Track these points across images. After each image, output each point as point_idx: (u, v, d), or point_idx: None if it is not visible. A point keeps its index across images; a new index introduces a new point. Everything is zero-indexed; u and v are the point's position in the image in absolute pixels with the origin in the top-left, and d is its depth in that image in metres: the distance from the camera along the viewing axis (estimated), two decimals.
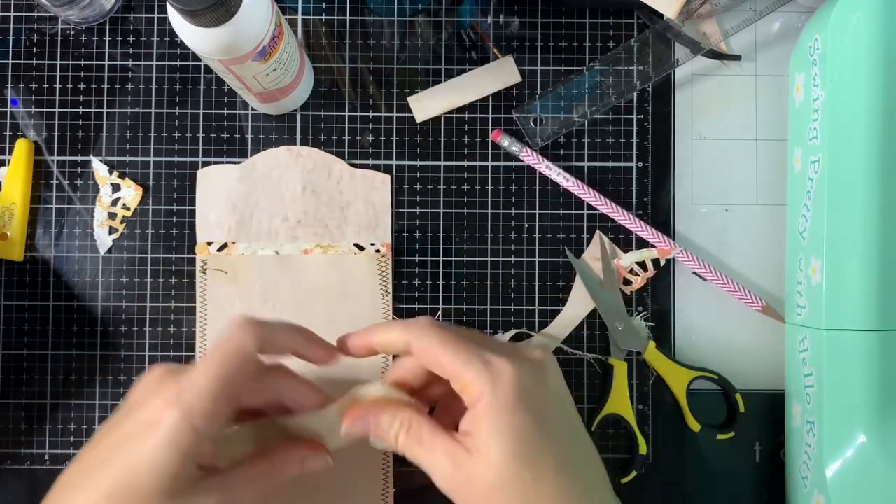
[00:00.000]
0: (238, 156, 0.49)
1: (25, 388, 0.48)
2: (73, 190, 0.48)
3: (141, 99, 0.49)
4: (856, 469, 0.41)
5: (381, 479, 0.47)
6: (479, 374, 0.36)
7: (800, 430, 0.45)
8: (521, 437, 0.35)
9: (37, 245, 0.48)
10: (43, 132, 0.49)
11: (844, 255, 0.42)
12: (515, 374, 0.36)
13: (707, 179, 0.49)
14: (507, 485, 0.35)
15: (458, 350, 0.36)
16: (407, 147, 0.49)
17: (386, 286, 0.48)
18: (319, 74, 0.49)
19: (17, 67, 0.49)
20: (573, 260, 0.48)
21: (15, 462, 0.48)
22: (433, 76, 0.49)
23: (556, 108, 0.48)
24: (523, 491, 0.35)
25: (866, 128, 0.42)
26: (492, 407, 0.35)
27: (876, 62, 0.42)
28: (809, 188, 0.45)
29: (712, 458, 0.48)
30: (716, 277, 0.48)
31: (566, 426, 0.37)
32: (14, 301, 0.48)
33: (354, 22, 0.49)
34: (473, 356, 0.36)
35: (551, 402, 0.37)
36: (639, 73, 0.49)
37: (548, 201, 0.49)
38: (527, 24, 0.49)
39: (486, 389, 0.35)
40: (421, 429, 0.37)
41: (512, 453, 0.35)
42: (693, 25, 0.49)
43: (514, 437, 0.35)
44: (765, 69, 0.49)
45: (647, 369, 0.48)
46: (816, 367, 0.43)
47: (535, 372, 0.37)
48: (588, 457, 0.38)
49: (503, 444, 0.35)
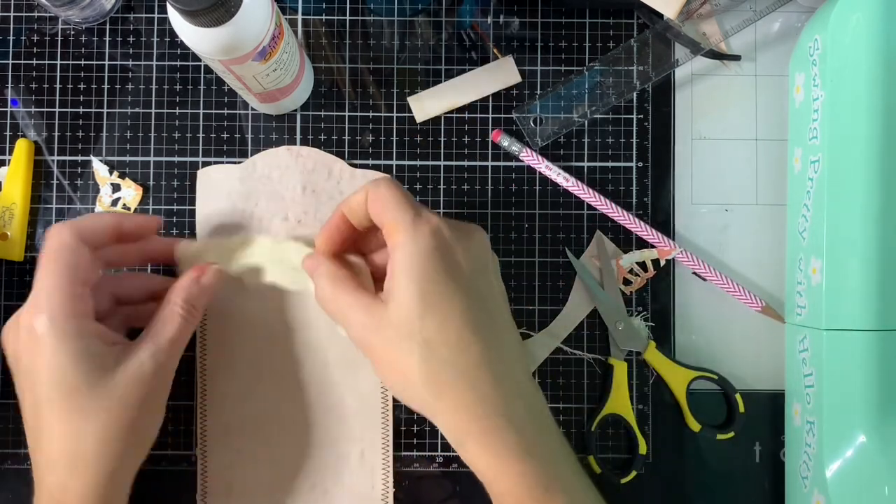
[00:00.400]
0: (238, 156, 0.49)
1: None
2: (74, 190, 0.48)
3: (141, 99, 0.49)
4: (856, 469, 0.41)
5: (381, 479, 0.47)
6: (406, 223, 0.38)
7: (800, 430, 0.45)
8: (429, 284, 0.37)
9: (37, 245, 0.48)
10: (43, 132, 0.49)
11: (844, 255, 0.42)
12: (437, 227, 0.38)
13: (707, 179, 0.49)
14: (411, 328, 0.37)
15: (398, 203, 0.38)
16: (407, 147, 0.49)
17: None
18: (319, 74, 0.49)
19: (17, 67, 0.49)
20: (573, 260, 0.48)
21: (15, 462, 0.48)
22: (433, 76, 0.49)
23: (556, 108, 0.48)
24: (425, 336, 0.37)
25: (866, 128, 0.42)
26: (407, 250, 0.37)
27: (876, 62, 0.42)
28: (809, 188, 0.45)
29: (712, 458, 0.48)
30: (716, 277, 0.48)
31: (482, 289, 0.39)
32: (14, 301, 0.48)
33: (354, 22, 0.49)
34: (408, 208, 0.38)
35: (470, 262, 0.39)
36: (639, 73, 0.49)
37: (548, 201, 0.49)
38: (527, 24, 0.49)
39: (407, 235, 0.37)
40: (345, 282, 0.40)
41: (419, 297, 0.37)
42: (693, 25, 0.49)
43: (422, 282, 0.37)
44: (765, 69, 0.49)
45: (647, 369, 0.49)
46: (816, 367, 0.43)
47: (460, 233, 0.39)
48: (504, 327, 0.40)
49: (411, 288, 0.37)
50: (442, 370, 0.37)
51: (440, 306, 0.37)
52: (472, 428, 0.37)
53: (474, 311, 0.37)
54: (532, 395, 0.39)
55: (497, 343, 0.38)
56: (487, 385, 0.37)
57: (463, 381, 0.37)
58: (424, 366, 0.37)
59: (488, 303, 0.39)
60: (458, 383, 0.37)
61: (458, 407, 0.37)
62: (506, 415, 0.37)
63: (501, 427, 0.37)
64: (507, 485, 0.37)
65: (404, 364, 0.37)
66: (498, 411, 0.37)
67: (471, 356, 0.37)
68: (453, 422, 0.37)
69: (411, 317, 0.37)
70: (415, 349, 0.37)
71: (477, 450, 0.37)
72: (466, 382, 0.37)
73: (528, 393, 0.39)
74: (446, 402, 0.37)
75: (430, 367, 0.37)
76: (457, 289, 0.37)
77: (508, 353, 0.39)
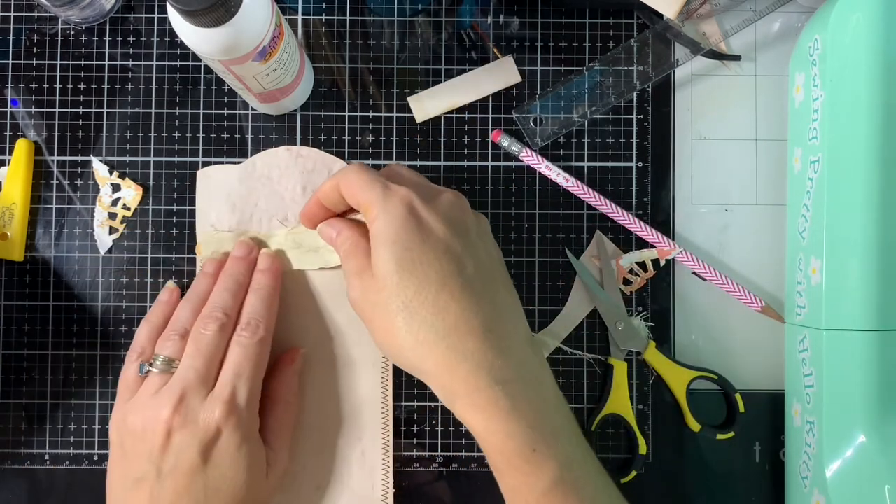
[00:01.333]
0: (238, 156, 0.49)
1: (25, 388, 0.48)
2: (74, 190, 0.48)
3: (141, 99, 0.49)
4: (856, 469, 0.41)
5: (381, 479, 0.47)
6: (376, 197, 0.39)
7: (800, 430, 0.45)
8: (403, 251, 0.38)
9: (37, 245, 0.48)
10: (43, 132, 0.49)
11: (844, 255, 0.42)
12: (406, 197, 0.39)
13: (707, 179, 0.49)
14: (391, 293, 0.38)
15: (368, 182, 0.39)
16: (407, 147, 0.49)
17: None
18: (319, 74, 0.49)
19: (17, 67, 0.49)
20: (573, 260, 0.48)
21: (15, 462, 0.48)
22: (433, 76, 0.49)
23: (556, 108, 0.48)
24: (404, 300, 0.38)
25: (866, 128, 0.42)
26: (381, 221, 0.38)
27: (876, 62, 0.42)
28: (809, 188, 0.45)
29: (712, 458, 0.48)
30: (715, 277, 0.48)
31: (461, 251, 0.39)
32: (14, 301, 0.48)
33: (354, 22, 0.49)
34: (377, 184, 0.39)
35: (445, 225, 0.39)
36: (639, 73, 0.49)
37: (548, 201, 0.49)
38: (527, 24, 0.49)
39: (379, 208, 0.39)
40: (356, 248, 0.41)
41: (395, 263, 0.38)
42: (693, 25, 0.49)
43: (397, 249, 0.38)
44: (765, 69, 0.49)
45: (647, 369, 0.48)
46: (816, 367, 0.43)
47: (433, 199, 0.40)
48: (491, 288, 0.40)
49: (387, 256, 0.38)
50: (422, 332, 0.38)
51: (415, 271, 0.38)
52: (458, 388, 0.38)
53: (452, 274, 0.38)
54: (527, 357, 0.40)
55: (480, 304, 0.38)
56: (470, 345, 0.38)
57: (444, 342, 0.37)
58: (407, 329, 0.38)
59: (468, 265, 0.39)
60: (440, 344, 0.38)
61: (442, 368, 0.38)
62: (492, 374, 0.37)
63: (487, 386, 0.37)
64: (496, 443, 0.38)
65: (391, 328, 0.38)
66: (482, 370, 0.37)
67: (448, 317, 0.38)
68: (440, 383, 0.38)
69: (390, 283, 0.38)
70: (397, 313, 0.38)
71: (465, 409, 0.38)
72: (447, 343, 0.37)
73: (519, 353, 0.39)
74: (430, 363, 0.38)
75: (411, 330, 0.38)
76: (432, 252, 0.38)
77: (495, 313, 0.39)
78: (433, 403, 0.48)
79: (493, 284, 0.40)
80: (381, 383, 0.47)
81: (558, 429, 0.39)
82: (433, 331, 0.38)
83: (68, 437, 0.48)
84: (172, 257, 0.48)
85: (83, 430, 0.48)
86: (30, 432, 0.48)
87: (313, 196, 0.43)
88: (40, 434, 0.48)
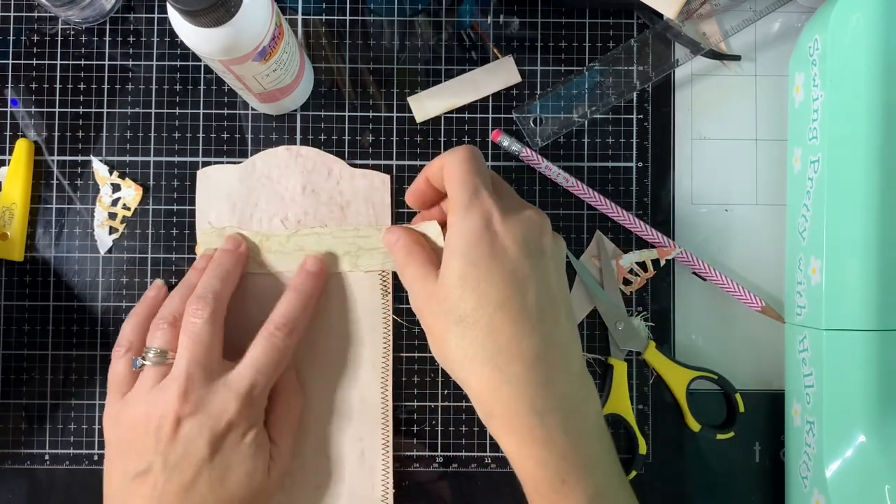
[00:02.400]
0: (238, 156, 0.49)
1: (25, 388, 0.48)
2: (74, 190, 0.48)
3: (141, 99, 0.49)
4: (856, 469, 0.41)
5: (381, 479, 0.47)
6: (461, 203, 0.38)
7: (800, 430, 0.45)
8: (470, 266, 0.37)
9: (37, 245, 0.48)
10: (43, 132, 0.49)
11: (844, 255, 0.42)
12: (488, 212, 0.38)
13: (707, 179, 0.49)
14: (450, 306, 0.38)
15: (462, 180, 0.39)
16: (407, 147, 0.49)
17: (386, 286, 0.48)
18: (319, 74, 0.49)
19: (17, 67, 0.49)
20: (573, 260, 0.48)
21: (15, 462, 0.48)
22: (433, 76, 0.49)
23: (556, 108, 0.48)
24: (461, 314, 0.38)
25: (866, 128, 0.42)
26: (456, 231, 0.38)
27: (876, 62, 0.42)
28: (809, 188, 0.45)
29: (712, 458, 0.48)
30: (715, 277, 0.48)
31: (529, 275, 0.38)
32: (14, 301, 0.48)
33: (354, 22, 0.49)
34: (468, 187, 0.39)
35: (518, 248, 0.38)
36: (639, 73, 0.49)
37: (548, 201, 0.49)
38: (527, 24, 0.49)
39: (458, 216, 0.38)
40: (415, 254, 0.41)
41: (460, 277, 0.38)
42: (693, 25, 0.49)
43: (465, 264, 0.38)
44: (765, 69, 0.49)
45: (647, 369, 0.48)
46: (816, 367, 0.43)
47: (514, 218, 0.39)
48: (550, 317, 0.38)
49: (454, 267, 0.38)
50: (472, 349, 0.37)
51: (478, 287, 0.37)
52: (497, 409, 0.38)
53: (513, 296, 0.37)
54: (573, 389, 0.39)
55: (535, 330, 0.38)
56: (516, 369, 0.37)
57: (491, 363, 0.37)
58: (458, 343, 0.38)
59: (531, 289, 0.38)
60: (487, 364, 0.37)
61: (484, 387, 0.38)
62: (532, 402, 0.37)
63: (525, 413, 0.37)
64: (527, 469, 0.38)
65: (444, 338, 0.38)
66: (524, 397, 0.37)
67: (500, 339, 0.37)
68: (480, 399, 0.38)
69: (452, 295, 0.38)
70: (452, 326, 0.38)
71: (500, 430, 0.38)
72: (493, 364, 0.37)
73: (565, 384, 0.38)
74: (474, 380, 0.38)
75: (462, 345, 0.38)
76: (498, 272, 0.37)
77: (549, 341, 0.38)
78: (433, 403, 0.48)
79: (554, 312, 0.39)
80: (381, 383, 0.47)
81: (593, 461, 0.38)
82: (482, 349, 0.37)
83: (68, 437, 0.48)
84: (172, 257, 0.48)
85: (83, 430, 0.48)
86: (30, 432, 0.48)
87: (421, 174, 0.43)
88: (40, 434, 0.48)
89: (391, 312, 0.48)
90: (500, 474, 0.48)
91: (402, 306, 0.48)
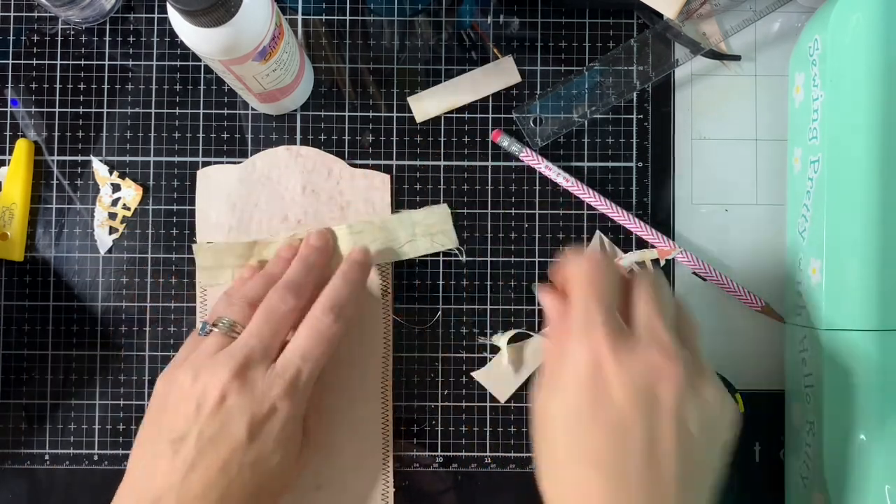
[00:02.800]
0: (238, 156, 0.49)
1: (25, 388, 0.48)
2: (73, 190, 0.48)
3: (141, 99, 0.49)
4: (856, 469, 0.41)
5: (381, 479, 0.47)
6: (575, 332, 0.36)
7: (800, 430, 0.45)
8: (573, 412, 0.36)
9: (37, 245, 0.48)
10: (43, 132, 0.49)
11: (844, 255, 0.42)
12: (595, 350, 0.36)
13: (707, 179, 0.49)
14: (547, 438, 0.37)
15: (580, 302, 0.37)
16: (407, 147, 0.49)
17: (386, 286, 0.48)
18: (319, 74, 0.49)
19: (17, 67, 0.49)
20: None
21: (15, 462, 0.48)
22: (433, 76, 0.49)
23: (556, 108, 0.48)
24: (551, 450, 0.37)
25: (866, 128, 0.42)
26: (564, 367, 0.36)
27: (876, 62, 0.41)
28: (809, 188, 0.45)
29: None
30: (715, 277, 0.48)
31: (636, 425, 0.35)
32: (14, 301, 0.48)
33: (354, 22, 0.49)
34: (583, 318, 0.36)
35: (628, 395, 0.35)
36: (639, 73, 0.49)
37: (548, 201, 0.49)
38: (527, 24, 0.49)
39: (568, 348, 0.36)
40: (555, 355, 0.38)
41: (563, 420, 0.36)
42: (693, 25, 0.49)
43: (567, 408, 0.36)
44: (764, 69, 0.49)
45: None
46: (816, 367, 0.43)
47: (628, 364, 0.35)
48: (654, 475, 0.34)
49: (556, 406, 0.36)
50: (549, 486, 0.37)
51: (572, 431, 0.36)
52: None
53: (607, 448, 0.35)
54: None
55: (630, 488, 0.34)
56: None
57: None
58: (542, 471, 0.37)
59: (636, 442, 0.34)
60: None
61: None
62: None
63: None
64: None
65: (537, 458, 0.38)
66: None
67: (578, 489, 0.35)
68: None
69: (551, 429, 0.37)
70: (542, 454, 0.37)
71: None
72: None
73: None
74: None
75: (545, 475, 0.37)
76: (592, 419, 0.35)
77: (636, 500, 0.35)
78: (433, 403, 0.48)
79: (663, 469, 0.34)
80: (381, 383, 0.47)
81: None
82: (557, 490, 0.36)
83: (68, 437, 0.48)
84: (172, 257, 0.48)
85: (83, 430, 0.48)
86: (30, 432, 0.48)
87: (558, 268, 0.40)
88: (40, 434, 0.48)
89: (391, 312, 0.48)
90: (500, 474, 0.48)
91: (402, 306, 0.48)
